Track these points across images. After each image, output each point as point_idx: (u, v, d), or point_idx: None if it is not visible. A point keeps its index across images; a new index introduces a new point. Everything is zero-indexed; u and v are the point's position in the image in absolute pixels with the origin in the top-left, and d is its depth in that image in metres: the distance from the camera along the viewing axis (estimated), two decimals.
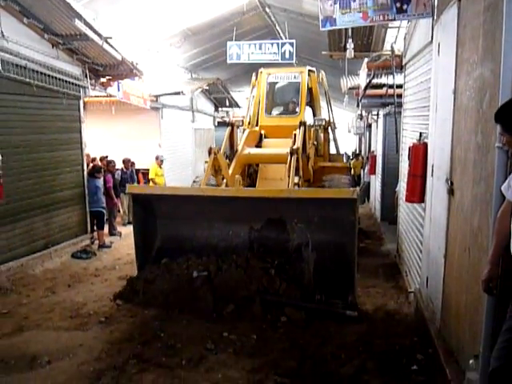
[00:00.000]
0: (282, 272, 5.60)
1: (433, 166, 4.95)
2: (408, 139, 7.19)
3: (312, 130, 9.24)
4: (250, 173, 8.69)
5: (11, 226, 7.65)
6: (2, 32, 7.12)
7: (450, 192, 4.11)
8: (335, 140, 10.93)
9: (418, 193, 5.43)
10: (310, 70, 9.77)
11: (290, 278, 5.54)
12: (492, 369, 2.59)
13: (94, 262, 8.66)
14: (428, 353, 4.37)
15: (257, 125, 9.32)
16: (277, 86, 10.07)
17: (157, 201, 6.04)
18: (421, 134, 5.54)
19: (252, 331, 4.94)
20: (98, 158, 11.81)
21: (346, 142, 26.79)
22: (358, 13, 5.40)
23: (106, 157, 11.95)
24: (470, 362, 3.25)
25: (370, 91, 10.99)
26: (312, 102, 10.14)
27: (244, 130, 8.79)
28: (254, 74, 10.02)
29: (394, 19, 5.47)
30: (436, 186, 4.76)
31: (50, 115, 8.61)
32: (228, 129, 7.92)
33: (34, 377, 4.09)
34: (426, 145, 5.33)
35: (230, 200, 5.64)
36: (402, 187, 7.29)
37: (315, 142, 9.53)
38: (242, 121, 9.07)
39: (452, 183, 4.09)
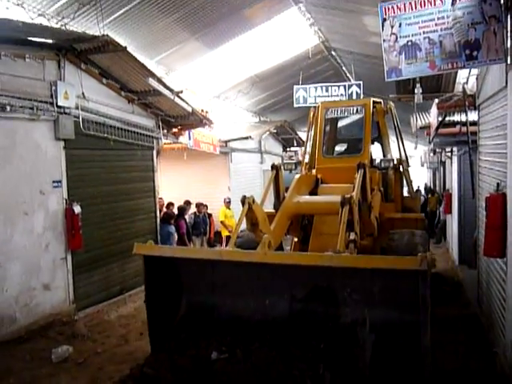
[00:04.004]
0: (329, 359, 4.37)
1: None
2: (485, 184, 6.80)
3: (378, 172, 8.02)
4: (304, 225, 7.35)
5: (89, 273, 8.07)
6: (83, 93, 7.73)
7: None
8: (408, 181, 9.41)
9: (497, 247, 5.06)
10: (375, 102, 8.62)
11: (338, 367, 4.30)
12: None
13: None
14: None
15: (314, 168, 8.22)
16: (340, 120, 9.19)
17: (181, 262, 5.10)
18: (498, 183, 5.22)
19: None
20: (174, 204, 11.58)
21: (419, 176, 25.99)
22: (424, 62, 5.23)
23: (188, 202, 11.86)
24: None
25: (442, 130, 10.61)
26: (380, 138, 8.97)
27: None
28: (311, 109, 8.92)
29: (464, 67, 5.22)
30: None
31: (126, 166, 9.12)
32: (272, 173, 6.59)
33: None
34: (504, 195, 5.00)
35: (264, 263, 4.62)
36: (481, 234, 6.85)
37: (381, 188, 8.15)
38: (295, 164, 8.31)
39: None
